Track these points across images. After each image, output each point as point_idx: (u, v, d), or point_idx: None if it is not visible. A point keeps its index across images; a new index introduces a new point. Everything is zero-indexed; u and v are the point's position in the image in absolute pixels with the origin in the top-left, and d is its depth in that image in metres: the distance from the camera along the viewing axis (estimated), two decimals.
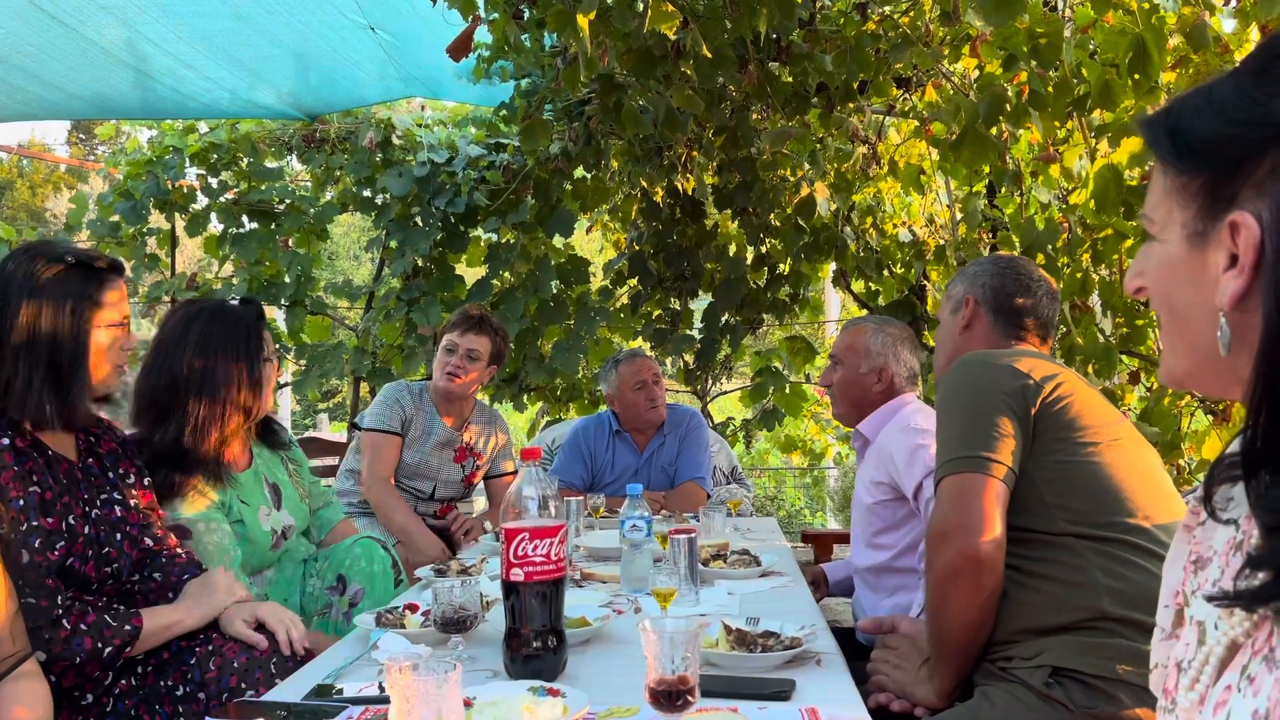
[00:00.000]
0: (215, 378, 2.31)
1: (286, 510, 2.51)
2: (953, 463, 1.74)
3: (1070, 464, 1.74)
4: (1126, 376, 3.16)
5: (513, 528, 1.63)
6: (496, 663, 1.69)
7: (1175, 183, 0.84)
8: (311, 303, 5.50)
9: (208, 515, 2.29)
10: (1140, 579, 1.65)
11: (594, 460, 3.68)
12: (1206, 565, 0.87)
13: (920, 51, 3.41)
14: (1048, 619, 1.68)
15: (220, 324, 2.36)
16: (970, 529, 1.66)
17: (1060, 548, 1.70)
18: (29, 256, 1.92)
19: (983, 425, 1.74)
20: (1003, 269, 2.16)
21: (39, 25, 3.88)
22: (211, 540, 2.28)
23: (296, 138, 5.52)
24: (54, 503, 1.87)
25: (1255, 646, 0.76)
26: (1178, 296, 0.85)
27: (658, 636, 1.21)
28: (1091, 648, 1.62)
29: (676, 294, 5.29)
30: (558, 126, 4.68)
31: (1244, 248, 0.77)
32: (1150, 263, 0.88)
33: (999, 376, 1.81)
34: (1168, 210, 0.85)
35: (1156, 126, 0.86)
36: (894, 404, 2.61)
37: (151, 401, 2.31)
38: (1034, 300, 2.12)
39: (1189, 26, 2.31)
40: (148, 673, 1.94)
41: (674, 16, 2.62)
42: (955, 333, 2.18)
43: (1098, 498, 1.72)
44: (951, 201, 4.58)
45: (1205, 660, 0.81)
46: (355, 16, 4.11)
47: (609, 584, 2.38)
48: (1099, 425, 1.78)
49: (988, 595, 1.68)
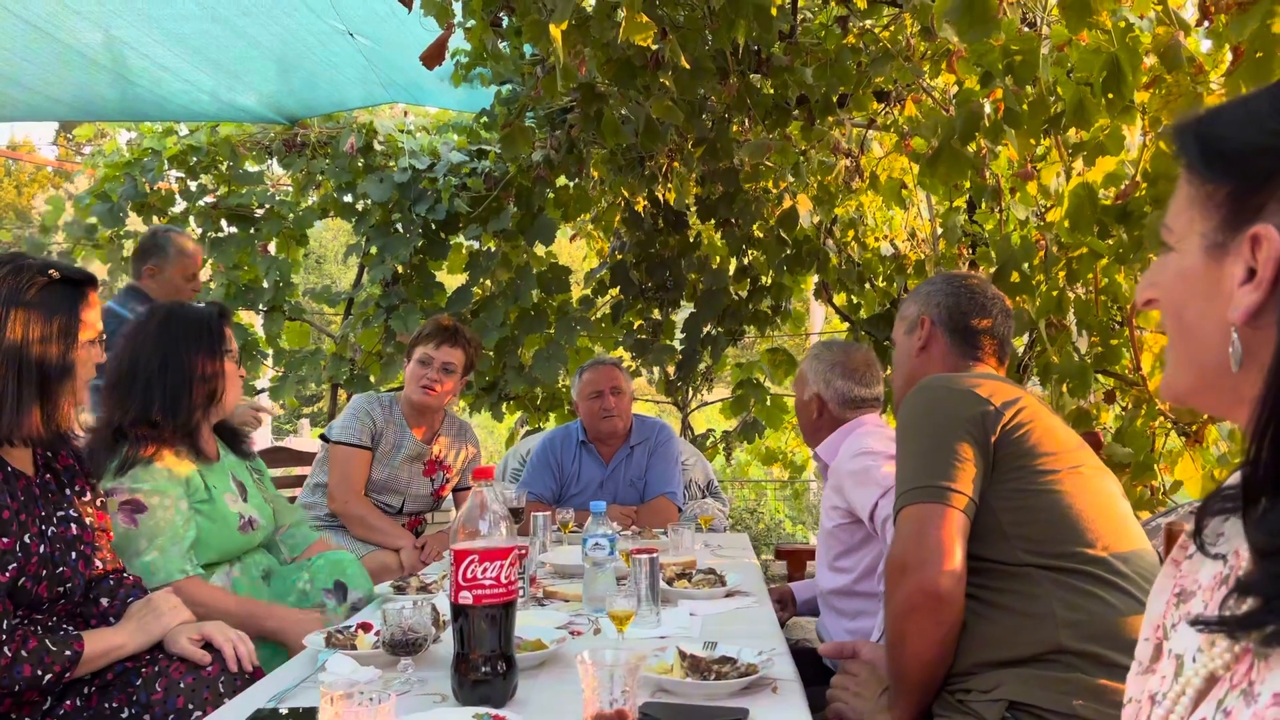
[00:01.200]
0: (179, 360, 2.35)
1: (253, 505, 2.50)
2: (912, 493, 1.70)
3: (1029, 493, 1.71)
4: (1101, 396, 3.14)
5: (462, 549, 1.59)
6: (446, 686, 1.65)
7: (1200, 192, 0.81)
8: (290, 308, 5.46)
9: (164, 488, 2.27)
10: (1098, 610, 1.62)
11: (561, 471, 3.64)
12: (1190, 599, 0.85)
13: (900, 66, 3.40)
14: (1005, 651, 1.65)
15: (182, 317, 2.42)
16: (928, 563, 1.63)
17: (1019, 578, 1.67)
18: (14, 268, 1.90)
19: (942, 453, 1.71)
20: (957, 288, 2.12)
21: (14, 30, 3.86)
22: (164, 517, 2.25)
23: (277, 142, 5.49)
24: (10, 522, 1.83)
25: (1234, 680, 0.74)
26: (1189, 309, 0.83)
27: (595, 669, 1.17)
28: (1048, 681, 1.59)
29: (658, 304, 5.26)
30: (539, 134, 4.66)
31: (1264, 261, 0.75)
32: (1165, 274, 0.86)
33: (959, 402, 1.78)
34: (1188, 220, 0.83)
35: (1186, 132, 0.84)
36: (849, 426, 2.60)
37: (114, 385, 2.34)
38: (991, 320, 2.08)
39: (1163, 46, 2.29)
40: (91, 694, 1.89)
41: (649, 27, 2.59)
42: (912, 354, 2.14)
43: (1056, 527, 1.69)
44: (933, 216, 4.57)
45: (1181, 692, 0.79)
46: (333, 21, 4.08)
47: (571, 603, 2.34)
48: (1059, 453, 1.75)
49: (947, 630, 1.65)
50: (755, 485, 7.98)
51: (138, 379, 2.33)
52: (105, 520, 2.12)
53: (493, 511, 1.62)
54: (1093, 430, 2.96)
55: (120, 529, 2.20)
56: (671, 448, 3.69)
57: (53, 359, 1.89)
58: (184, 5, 3.87)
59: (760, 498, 7.84)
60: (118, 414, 2.31)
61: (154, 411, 2.31)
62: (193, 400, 2.36)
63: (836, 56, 3.50)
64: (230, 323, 2.52)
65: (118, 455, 2.27)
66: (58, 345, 1.90)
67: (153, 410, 2.31)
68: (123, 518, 2.22)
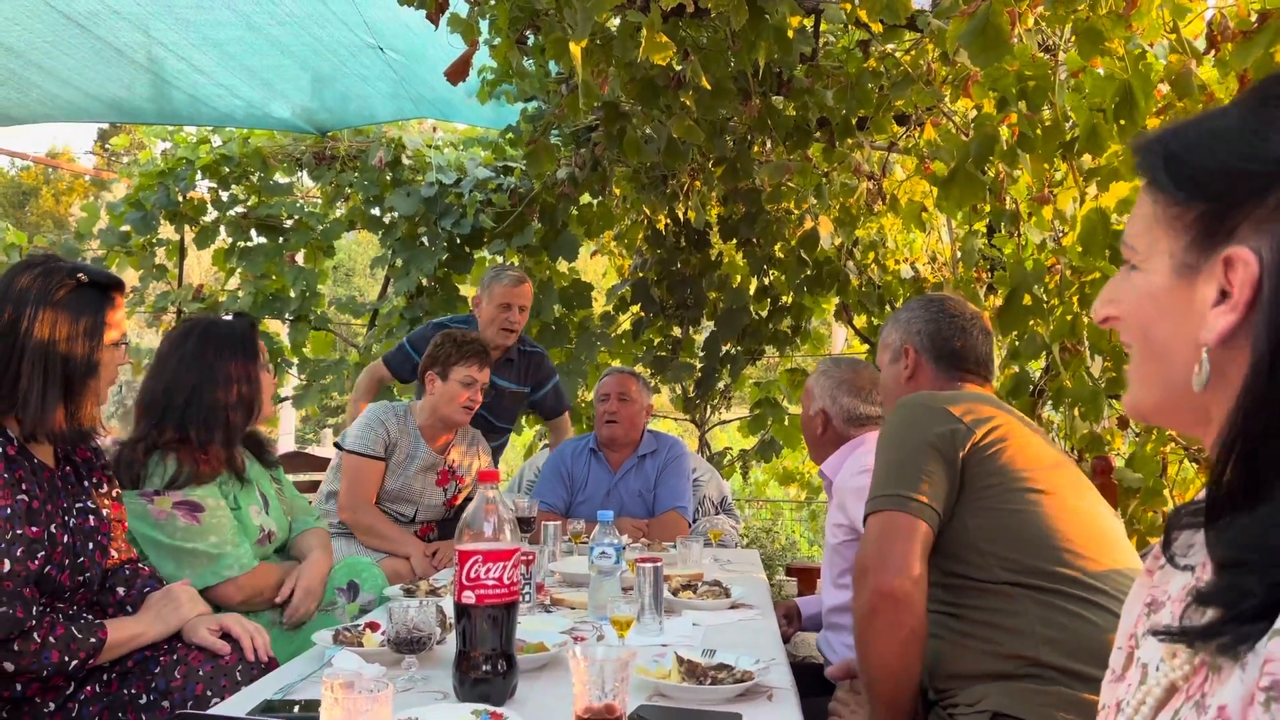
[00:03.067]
0: (213, 379, 2.41)
1: (273, 517, 2.57)
2: (877, 500, 1.75)
3: (1004, 511, 1.73)
4: (1115, 421, 3.14)
5: (466, 550, 1.63)
6: (449, 685, 1.69)
7: (1167, 212, 0.81)
8: (315, 318, 5.54)
9: (213, 493, 2.38)
10: (1078, 627, 1.63)
11: (571, 480, 3.70)
12: (1160, 609, 0.87)
13: (920, 90, 3.43)
14: (985, 666, 1.67)
15: (215, 333, 2.48)
16: (887, 567, 1.66)
17: (997, 595, 1.69)
18: (43, 271, 1.96)
19: (909, 466, 1.75)
20: (935, 314, 2.15)
21: (54, 24, 3.94)
22: (223, 517, 2.37)
23: (307, 154, 5.59)
24: (39, 511, 1.89)
25: (1189, 691, 0.76)
26: (1156, 328, 0.83)
27: (586, 664, 1.20)
28: (1031, 694, 1.60)
29: (678, 322, 5.31)
30: (564, 151, 4.72)
31: (1239, 285, 0.75)
32: (1128, 291, 0.86)
33: (930, 419, 1.81)
34: (1153, 239, 0.83)
35: (1151, 151, 0.84)
36: (853, 443, 2.62)
37: (149, 404, 2.41)
38: (970, 340, 2.11)
39: (1175, 74, 2.31)
40: (111, 680, 1.95)
41: (668, 47, 2.65)
42: (901, 383, 2.17)
43: (1033, 545, 1.70)
44: (953, 239, 4.58)
45: (1142, 700, 0.80)
46: (364, 35, 4.16)
47: (578, 610, 2.37)
48: (1037, 470, 1.77)
49: (906, 634, 1.65)
50: (772, 505, 7.97)
51: (176, 396, 2.40)
52: (120, 512, 2.18)
53: (497, 514, 1.66)
54: (1104, 455, 2.96)
55: (180, 524, 2.30)
56: (683, 464, 3.71)
57: (78, 358, 1.95)
58: (220, 11, 3.97)
59: (777, 518, 7.83)
60: (154, 431, 2.37)
61: (194, 428, 2.38)
62: (231, 419, 2.43)
63: (857, 79, 3.54)
64: (259, 334, 2.59)
65: (159, 470, 2.33)
66: (83, 345, 1.96)
67: (193, 427, 2.38)
68: (183, 515, 2.31)
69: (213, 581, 2.32)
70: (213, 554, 2.32)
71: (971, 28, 2.34)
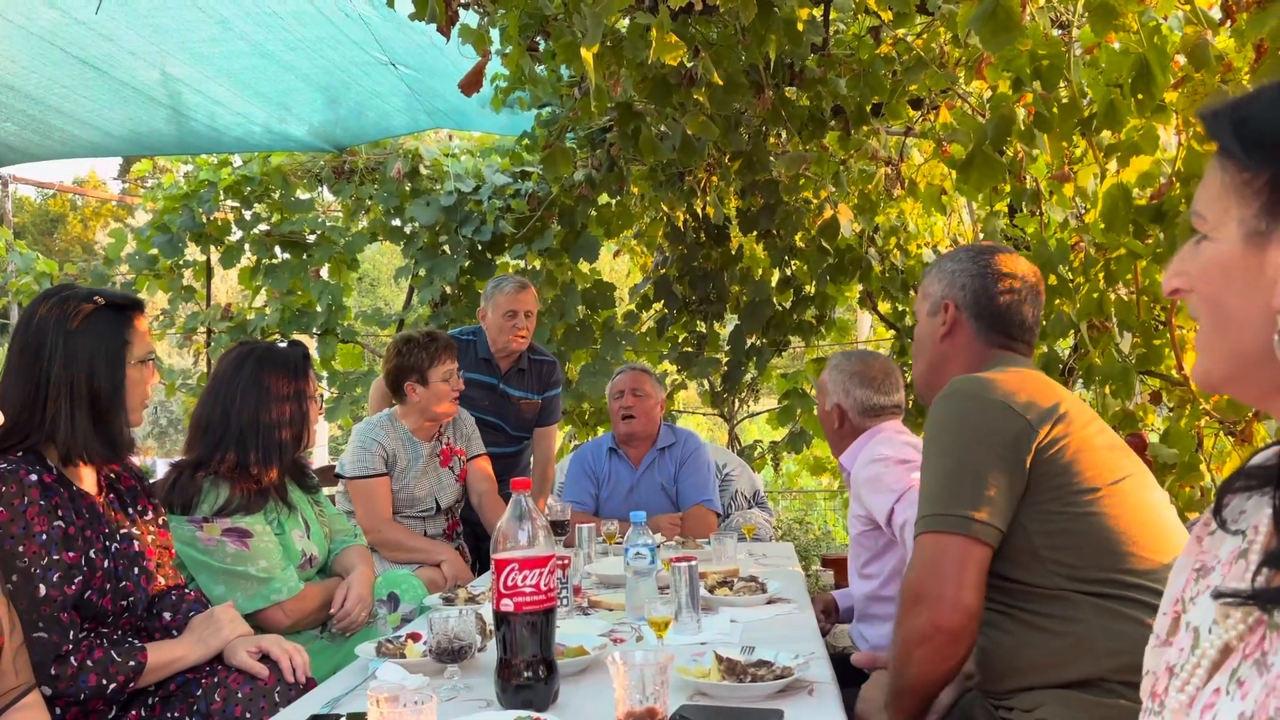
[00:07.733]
0: (268, 408, 2.49)
1: (314, 541, 2.62)
2: (932, 519, 1.62)
3: (1066, 515, 1.62)
4: (1147, 397, 3.11)
5: (503, 558, 1.65)
6: (492, 692, 1.71)
7: (1236, 179, 0.80)
8: (342, 331, 5.59)
9: (261, 521, 2.46)
10: (1141, 637, 1.58)
11: (596, 476, 3.75)
12: (1209, 573, 0.87)
13: (934, 73, 3.41)
14: (1044, 673, 1.61)
15: (270, 363, 2.55)
16: (944, 598, 1.56)
17: (1057, 601, 1.61)
18: (59, 300, 2.00)
19: (968, 477, 1.61)
20: (983, 267, 1.93)
21: (70, 69, 4.03)
22: (271, 542, 2.44)
23: (327, 170, 5.64)
24: (76, 537, 1.92)
25: (1247, 650, 0.76)
26: (1227, 297, 0.81)
27: (625, 668, 1.22)
28: (1090, 705, 1.55)
29: (702, 317, 5.31)
30: (580, 154, 4.74)
31: None
32: (1196, 263, 0.84)
33: (990, 416, 1.66)
34: (1224, 208, 0.81)
35: (1221, 119, 0.82)
36: (868, 434, 2.61)
37: (205, 429, 2.49)
38: (1017, 298, 1.91)
39: (1191, 46, 2.29)
40: (155, 704, 1.98)
41: (678, 47, 2.65)
42: (936, 339, 1.97)
43: (1096, 552, 1.60)
44: (974, 221, 4.55)
45: (1197, 663, 0.81)
46: (376, 53, 4.20)
47: (615, 612, 2.39)
48: (1099, 468, 1.65)
49: (954, 664, 1.61)
50: (806, 495, 7.96)
51: (235, 420, 2.47)
52: (166, 538, 2.22)
53: (532, 521, 1.68)
54: (1138, 432, 2.94)
55: (230, 550, 2.38)
56: (702, 456, 3.74)
57: (102, 379, 1.98)
58: (233, 43, 4.02)
59: (810, 508, 7.82)
60: (212, 456, 2.44)
61: (254, 453, 2.46)
62: (284, 452, 2.52)
63: (870, 66, 3.52)
64: (311, 365, 2.66)
65: (210, 496, 2.40)
66: (106, 366, 1.99)
67: (253, 452, 2.45)
68: (232, 542, 2.39)
69: (262, 605, 2.38)
70: (262, 578, 2.39)
71: (982, 11, 2.32)
